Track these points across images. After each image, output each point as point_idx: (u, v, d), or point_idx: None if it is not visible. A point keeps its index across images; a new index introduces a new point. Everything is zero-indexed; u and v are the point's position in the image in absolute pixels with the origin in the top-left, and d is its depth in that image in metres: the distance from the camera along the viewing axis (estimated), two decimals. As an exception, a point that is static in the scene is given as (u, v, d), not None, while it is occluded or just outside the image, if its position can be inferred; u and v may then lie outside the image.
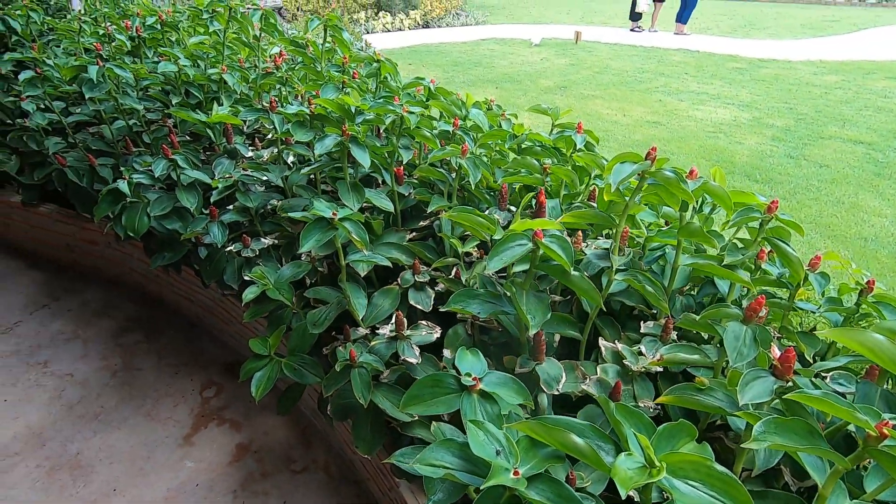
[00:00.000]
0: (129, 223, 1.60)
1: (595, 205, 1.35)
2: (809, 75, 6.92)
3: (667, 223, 1.32)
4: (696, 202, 1.29)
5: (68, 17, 2.93)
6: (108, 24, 2.63)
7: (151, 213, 1.61)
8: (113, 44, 2.38)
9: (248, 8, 2.29)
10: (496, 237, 0.93)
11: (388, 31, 11.26)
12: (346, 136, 1.20)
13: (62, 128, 2.28)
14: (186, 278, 2.08)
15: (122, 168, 2.03)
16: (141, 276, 2.40)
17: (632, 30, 10.85)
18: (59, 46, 2.83)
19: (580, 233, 1.14)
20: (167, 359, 2.02)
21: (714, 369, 0.91)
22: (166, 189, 1.76)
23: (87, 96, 1.84)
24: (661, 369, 0.98)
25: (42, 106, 2.22)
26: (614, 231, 0.97)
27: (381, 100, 1.34)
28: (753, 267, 1.12)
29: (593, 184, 1.45)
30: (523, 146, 1.46)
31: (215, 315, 2.03)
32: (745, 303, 1.09)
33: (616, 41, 9.64)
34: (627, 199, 0.93)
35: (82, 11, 3.29)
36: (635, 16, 10.70)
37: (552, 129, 1.57)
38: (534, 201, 1.10)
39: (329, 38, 1.92)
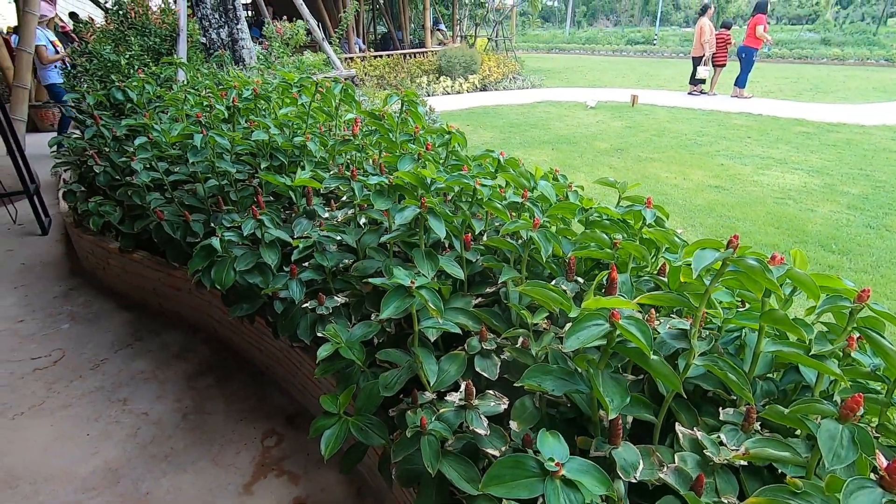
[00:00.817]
0: (217, 277, 1.73)
1: (665, 279, 1.34)
2: (887, 140, 6.60)
3: (743, 303, 1.29)
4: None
5: (174, 87, 3.33)
6: (209, 93, 2.98)
7: (237, 268, 1.75)
8: (212, 112, 2.68)
9: (327, 77, 2.53)
10: (571, 315, 0.95)
11: (448, 93, 11.89)
12: (423, 208, 1.28)
13: (162, 184, 2.56)
14: (258, 328, 2.19)
15: (212, 224, 2.23)
16: (216, 322, 2.56)
17: (690, 93, 10.88)
18: (165, 113, 3.21)
19: (653, 310, 1.13)
20: (234, 404, 2.11)
21: (806, 469, 0.86)
22: (250, 245, 1.90)
23: (190, 160, 2.06)
24: (745, 462, 0.93)
25: (148, 165, 2.51)
26: (693, 314, 0.96)
27: (456, 174, 1.43)
28: (842, 355, 1.06)
29: (662, 257, 1.45)
30: (591, 219, 1.49)
31: (282, 366, 2.11)
32: (837, 396, 1.03)
33: (674, 104, 9.68)
34: (707, 282, 0.93)
35: (185, 82, 3.73)
36: (695, 81, 10.75)
37: (619, 202, 1.60)
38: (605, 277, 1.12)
39: (404, 112, 2.07)
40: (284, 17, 10.03)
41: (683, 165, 5.67)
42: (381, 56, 12.19)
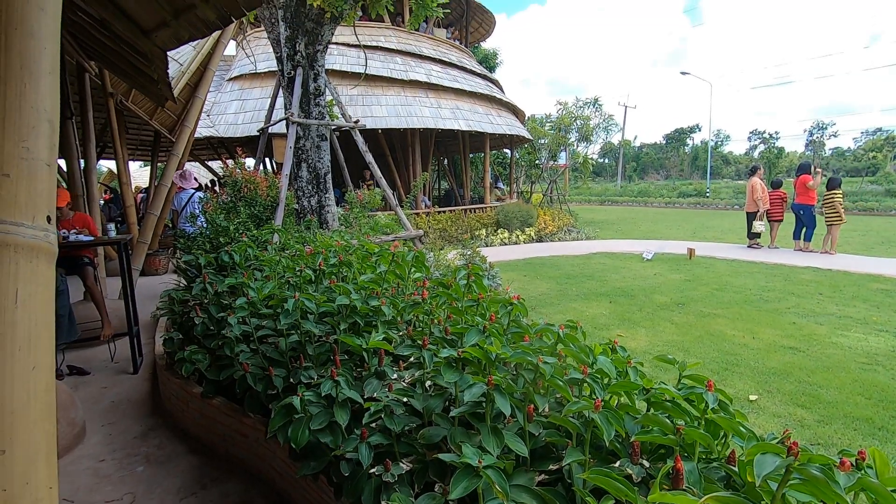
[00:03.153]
0: (293, 435, 1.86)
1: (736, 468, 1.31)
2: (981, 301, 6.13)
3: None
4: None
5: (269, 248, 3.86)
6: (297, 255, 3.43)
7: (311, 426, 1.87)
8: (301, 273, 3.07)
9: (398, 237, 2.88)
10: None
11: (506, 244, 12.58)
12: (490, 386, 1.40)
13: (250, 337, 2.85)
14: (320, 486, 2.22)
15: (291, 379, 2.43)
16: (277, 474, 2.60)
17: (749, 246, 10.87)
18: (260, 271, 3.69)
19: None
20: (286, 572, 2.05)
21: None
22: (324, 404, 2.04)
23: (282, 321, 2.35)
24: None
25: (241, 320, 2.84)
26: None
27: (520, 351, 1.56)
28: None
29: (731, 443, 1.43)
30: (652, 399, 1.53)
31: (339, 530, 2.08)
32: None
33: (734, 257, 9.66)
34: (774, 486, 0.94)
35: (279, 243, 4.32)
36: (752, 235, 10.83)
37: (679, 380, 1.63)
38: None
39: (470, 281, 2.31)
40: (365, 179, 11.51)
41: (751, 322, 5.48)
42: (444, 211, 13.38)
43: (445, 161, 20.44)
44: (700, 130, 63.84)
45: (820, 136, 63.81)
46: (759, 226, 10.62)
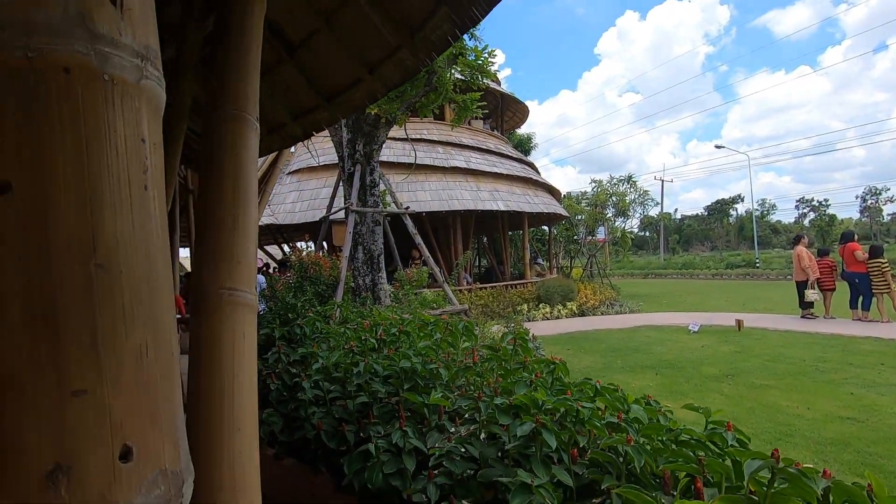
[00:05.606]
0: (369, 476, 2.16)
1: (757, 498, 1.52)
2: None
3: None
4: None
5: (332, 322, 4.32)
6: (360, 328, 3.86)
7: (385, 470, 2.17)
8: (365, 342, 3.47)
9: (445, 311, 3.25)
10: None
11: (548, 318, 12.67)
12: (538, 424, 1.70)
13: (321, 400, 3.21)
14: (386, 535, 2.45)
15: (361, 434, 2.75)
16: (344, 530, 2.83)
17: (803, 317, 10.53)
18: (326, 342, 4.12)
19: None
20: None
21: None
22: (393, 452, 2.35)
23: (354, 381, 2.72)
24: None
25: (313, 384, 3.22)
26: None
27: (562, 397, 1.86)
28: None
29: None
30: (680, 438, 1.77)
31: (405, 575, 2.28)
32: None
33: (786, 328, 9.38)
34: None
35: (339, 317, 4.79)
36: (805, 304, 10.54)
37: (706, 426, 1.86)
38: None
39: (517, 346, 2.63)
40: (413, 258, 12.15)
41: (806, 393, 5.36)
42: (485, 287, 13.76)
43: (485, 239, 21.16)
44: (742, 201, 63.00)
45: (874, 202, 61.53)
46: (812, 295, 10.35)
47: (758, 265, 29.31)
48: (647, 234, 65.45)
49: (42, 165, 0.41)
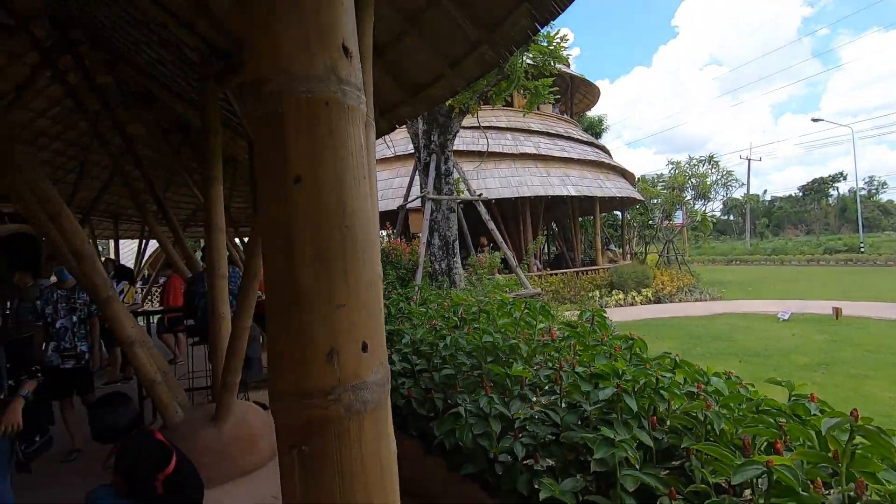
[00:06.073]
0: (460, 436, 2.41)
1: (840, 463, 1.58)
2: None
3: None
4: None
5: (412, 303, 4.63)
6: (438, 308, 4.13)
7: (474, 431, 2.41)
8: (448, 319, 3.73)
9: (519, 294, 3.41)
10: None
11: (621, 305, 12.40)
12: (619, 389, 1.84)
13: (408, 372, 3.52)
14: (469, 492, 2.69)
15: (448, 401, 3.01)
16: (436, 492, 3.12)
17: (915, 305, 9.53)
18: (409, 320, 4.44)
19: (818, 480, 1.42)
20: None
21: None
22: (480, 416, 2.58)
23: (442, 352, 2.98)
24: None
25: (401, 357, 3.53)
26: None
27: (641, 367, 1.98)
28: None
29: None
30: (761, 408, 1.84)
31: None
32: None
33: (894, 318, 8.57)
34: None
35: (419, 299, 5.11)
36: (915, 291, 9.52)
37: (789, 398, 1.91)
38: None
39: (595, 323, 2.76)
40: (481, 245, 12.37)
41: (913, 385, 4.97)
42: (555, 273, 13.69)
43: (554, 226, 20.88)
44: (845, 179, 56.55)
45: None
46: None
47: (862, 250, 26.49)
48: (731, 217, 60.93)
49: (317, 164, 0.65)
